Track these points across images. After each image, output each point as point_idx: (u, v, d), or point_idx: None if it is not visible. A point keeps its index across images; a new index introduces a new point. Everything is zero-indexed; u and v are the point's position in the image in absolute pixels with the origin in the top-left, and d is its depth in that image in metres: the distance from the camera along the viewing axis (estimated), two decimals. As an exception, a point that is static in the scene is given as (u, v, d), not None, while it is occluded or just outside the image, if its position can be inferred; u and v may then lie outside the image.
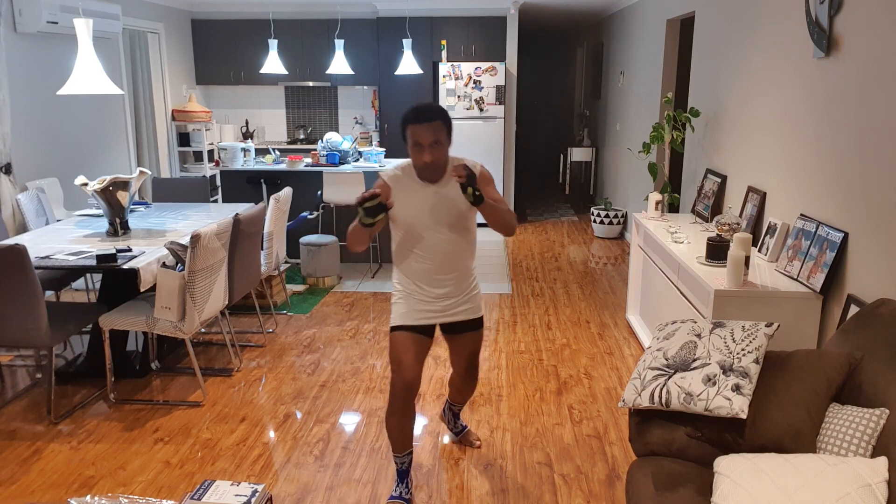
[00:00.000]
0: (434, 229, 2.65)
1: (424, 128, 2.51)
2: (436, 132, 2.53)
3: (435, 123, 2.52)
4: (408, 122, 2.55)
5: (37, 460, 3.18)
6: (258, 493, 1.76)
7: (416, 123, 2.52)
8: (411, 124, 2.53)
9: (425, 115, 2.51)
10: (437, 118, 2.52)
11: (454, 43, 8.27)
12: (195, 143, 8.07)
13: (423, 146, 2.53)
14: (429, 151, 2.54)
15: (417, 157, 2.57)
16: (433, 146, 2.54)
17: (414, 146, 2.56)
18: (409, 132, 2.55)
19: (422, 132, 2.51)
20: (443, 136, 2.55)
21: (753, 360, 2.24)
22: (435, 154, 2.55)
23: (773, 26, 3.82)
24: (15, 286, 3.32)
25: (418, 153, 2.56)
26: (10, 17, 5.21)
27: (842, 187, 3.04)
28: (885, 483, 1.81)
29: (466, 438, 3.31)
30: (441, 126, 2.54)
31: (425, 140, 2.52)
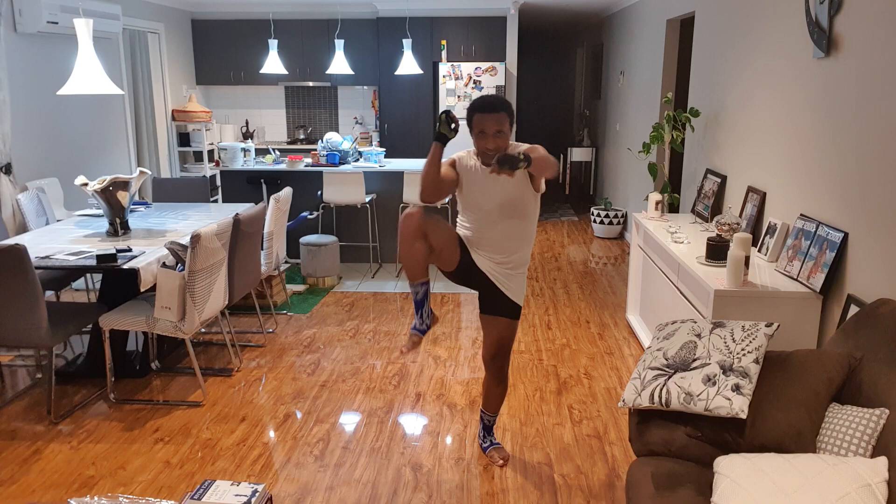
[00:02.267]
0: (490, 211, 2.82)
1: (491, 118, 2.69)
2: (500, 122, 2.70)
3: (500, 115, 2.70)
4: (475, 110, 2.73)
5: (37, 460, 3.18)
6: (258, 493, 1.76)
7: (483, 113, 2.71)
8: (479, 113, 2.72)
9: (493, 105, 2.70)
10: (502, 110, 2.71)
11: (454, 43, 8.27)
12: (195, 143, 8.07)
13: (488, 135, 2.71)
14: (493, 139, 2.70)
15: (481, 143, 2.74)
16: (497, 135, 2.70)
17: (479, 134, 2.74)
18: (476, 120, 2.73)
19: (488, 121, 2.70)
20: (506, 126, 2.72)
21: (753, 360, 2.24)
22: (498, 142, 2.71)
23: (773, 26, 3.82)
24: (15, 286, 3.32)
25: (482, 140, 2.73)
26: (10, 17, 5.21)
27: (842, 187, 3.04)
28: (884, 483, 1.81)
29: (491, 453, 3.20)
30: (505, 118, 2.71)
31: (490, 129, 2.70)
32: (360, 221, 6.53)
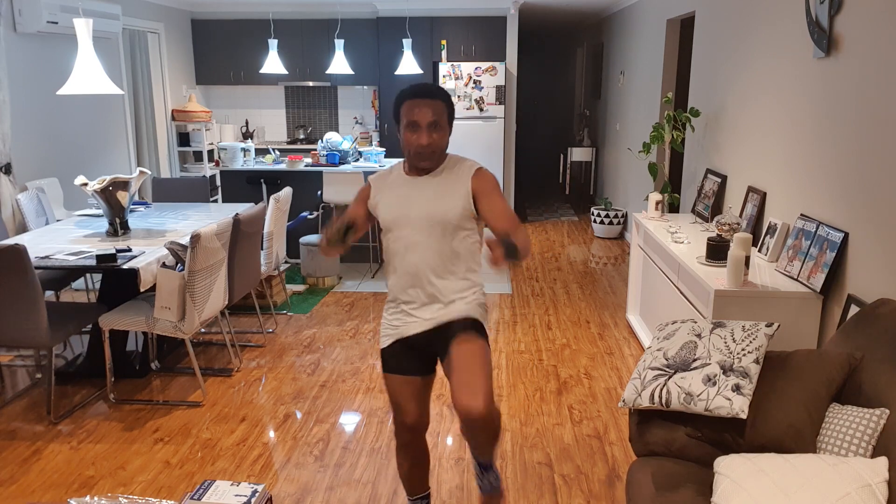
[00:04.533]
0: (416, 226, 2.24)
1: (424, 104, 2.17)
2: (436, 112, 2.18)
3: (436, 102, 2.18)
4: (404, 97, 2.20)
5: (37, 460, 3.18)
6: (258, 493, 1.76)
7: (413, 99, 2.18)
8: (408, 100, 2.19)
9: (426, 91, 2.19)
10: (438, 97, 2.19)
11: (454, 43, 8.27)
12: (195, 143, 8.07)
13: (421, 126, 2.17)
14: (426, 133, 2.17)
15: (411, 139, 2.19)
16: (431, 128, 2.18)
17: (408, 126, 2.19)
18: (405, 110, 2.19)
19: (420, 110, 2.16)
20: (444, 118, 2.21)
21: (753, 360, 2.24)
22: (433, 137, 2.19)
23: (773, 26, 3.81)
24: (15, 286, 3.32)
25: (413, 135, 2.18)
26: (10, 17, 5.21)
27: (842, 187, 3.04)
28: (885, 483, 1.81)
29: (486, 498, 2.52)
30: (442, 107, 2.20)
31: (423, 118, 2.17)
32: (360, 221, 6.51)
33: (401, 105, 2.21)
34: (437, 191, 2.26)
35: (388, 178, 2.35)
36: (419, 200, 2.26)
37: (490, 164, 8.18)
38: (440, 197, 2.24)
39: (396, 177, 2.33)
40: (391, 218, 2.26)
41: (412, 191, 2.27)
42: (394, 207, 2.27)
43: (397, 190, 2.30)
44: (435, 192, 2.26)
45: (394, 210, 2.27)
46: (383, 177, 2.37)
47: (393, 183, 2.32)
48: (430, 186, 2.27)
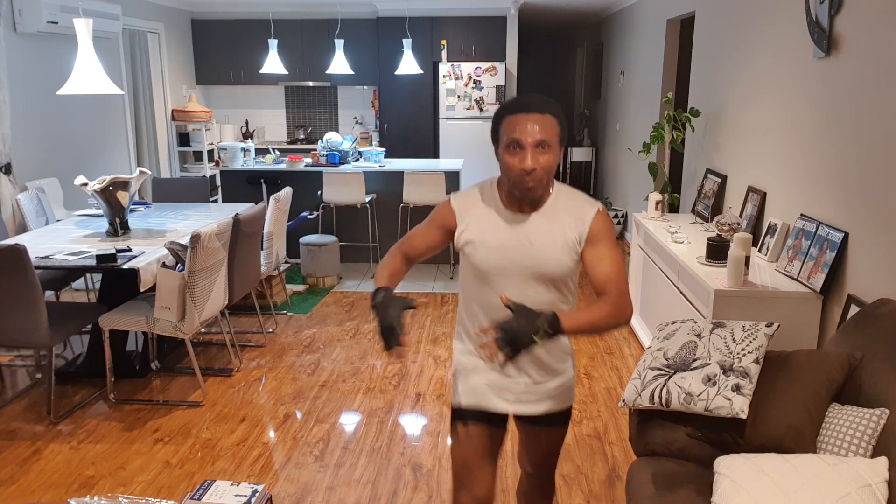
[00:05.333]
0: (517, 282, 1.87)
1: (529, 120, 1.75)
2: (545, 129, 1.75)
3: (545, 118, 1.76)
4: (505, 112, 1.80)
5: (37, 460, 3.18)
6: (258, 493, 1.76)
7: (517, 113, 1.77)
8: (510, 114, 1.78)
9: (533, 103, 1.78)
10: (548, 111, 1.78)
11: (454, 43, 8.27)
12: (195, 143, 8.07)
13: (525, 146, 1.75)
14: (532, 154, 1.75)
15: (512, 163, 1.77)
16: (539, 149, 1.76)
17: (509, 147, 1.78)
18: (505, 126, 1.79)
19: (524, 126, 1.75)
20: (554, 138, 1.77)
21: (753, 360, 2.24)
22: (539, 161, 1.76)
23: (773, 26, 3.81)
24: (15, 286, 3.32)
25: (514, 157, 1.77)
26: (10, 17, 5.21)
27: (842, 187, 3.04)
28: (885, 483, 1.81)
29: None
30: (553, 124, 1.78)
31: (528, 137, 1.74)
32: (360, 221, 6.52)
33: (500, 121, 1.82)
34: (544, 236, 1.85)
35: (479, 205, 1.92)
36: (521, 247, 1.85)
37: (490, 164, 8.18)
38: (548, 245, 1.85)
39: (491, 208, 1.90)
40: (489, 267, 1.87)
41: (514, 234, 1.86)
42: (493, 254, 1.86)
43: (494, 229, 1.88)
44: (541, 238, 1.85)
45: (493, 257, 1.86)
46: (471, 201, 1.93)
47: (487, 216, 1.89)
48: (536, 229, 1.85)
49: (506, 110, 1.81)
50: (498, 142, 1.83)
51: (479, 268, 1.88)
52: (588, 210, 1.87)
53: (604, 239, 1.86)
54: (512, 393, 1.96)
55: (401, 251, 1.99)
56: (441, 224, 1.95)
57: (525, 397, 1.96)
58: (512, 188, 1.84)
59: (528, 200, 1.86)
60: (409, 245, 1.99)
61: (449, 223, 1.94)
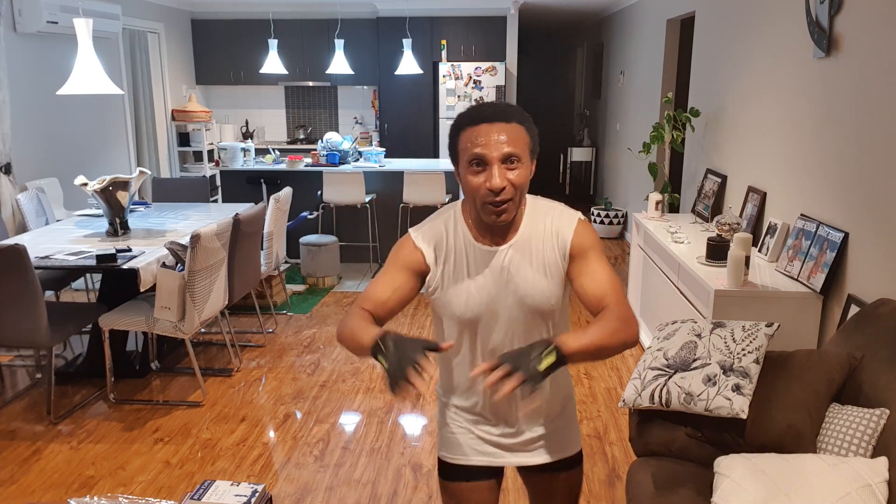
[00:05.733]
0: (505, 325, 1.61)
1: (492, 130, 1.47)
2: (513, 140, 1.47)
3: (511, 126, 1.48)
4: (463, 123, 1.52)
5: (37, 460, 3.18)
6: (258, 493, 1.76)
7: (477, 124, 1.49)
8: (469, 126, 1.50)
9: (496, 112, 1.50)
10: (515, 119, 1.50)
11: (454, 43, 8.27)
12: (195, 143, 8.07)
13: (490, 161, 1.47)
14: (499, 171, 1.46)
15: (475, 183, 1.49)
16: (507, 164, 1.48)
17: (470, 164, 1.49)
18: (465, 140, 1.50)
19: (487, 138, 1.47)
20: (524, 149, 1.49)
21: (754, 360, 2.24)
22: (509, 178, 1.48)
23: (773, 26, 3.81)
24: (15, 286, 3.32)
25: (477, 176, 1.49)
26: (10, 17, 5.21)
27: (842, 187, 3.04)
28: (885, 483, 1.81)
29: None
30: (521, 132, 1.49)
31: (493, 151, 1.46)
32: (360, 221, 6.52)
33: (458, 134, 1.53)
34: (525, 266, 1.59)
35: (447, 242, 1.61)
36: (504, 285, 1.58)
37: (490, 164, 8.16)
38: (530, 275, 1.58)
39: (461, 243, 1.60)
40: (472, 315, 1.59)
41: (492, 271, 1.58)
42: (473, 299, 1.58)
43: (470, 269, 1.59)
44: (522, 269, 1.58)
45: (475, 303, 1.59)
46: (438, 237, 1.62)
47: (459, 254, 1.60)
48: (515, 260, 1.58)
49: (463, 121, 1.51)
50: (457, 160, 1.54)
51: (462, 318, 1.60)
52: (566, 222, 1.60)
53: (589, 250, 1.59)
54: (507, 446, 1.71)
55: (363, 310, 1.57)
56: (408, 266, 1.60)
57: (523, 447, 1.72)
58: (479, 214, 1.54)
59: (501, 227, 1.58)
60: (373, 300, 1.58)
61: (418, 265, 1.60)
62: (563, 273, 1.60)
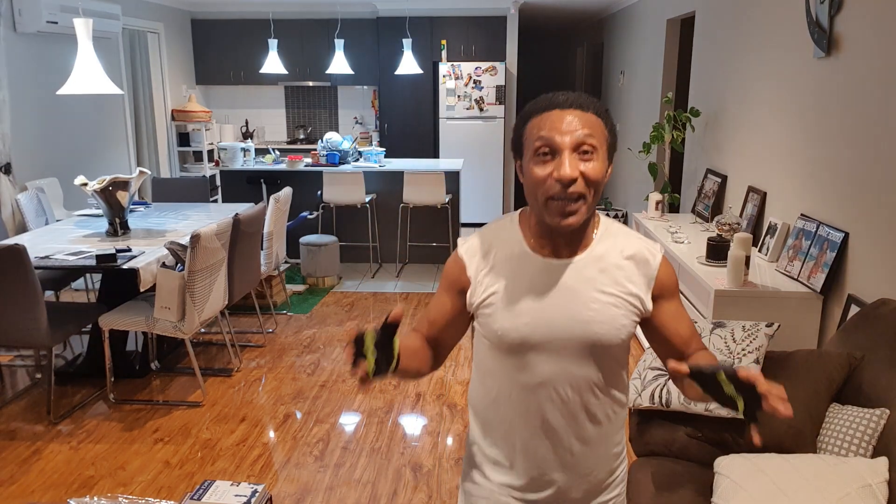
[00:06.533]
0: (560, 357, 1.34)
1: (568, 115, 1.25)
2: (589, 128, 1.25)
3: (590, 117, 1.27)
4: (532, 112, 1.30)
5: (37, 460, 3.18)
6: (258, 493, 1.76)
7: (551, 110, 1.27)
8: (538, 114, 1.28)
9: (572, 99, 1.27)
10: (591, 108, 1.28)
11: (454, 43, 8.27)
12: (195, 143, 8.06)
13: (561, 147, 1.24)
14: (571, 159, 1.23)
15: (542, 175, 1.25)
16: (581, 154, 1.25)
17: (537, 153, 1.26)
18: (531, 128, 1.28)
19: (560, 122, 1.25)
20: (601, 139, 1.27)
21: (754, 360, 2.24)
22: (584, 168, 1.24)
23: (773, 26, 3.81)
24: (15, 286, 3.32)
25: (544, 168, 1.25)
26: (9, 17, 5.21)
27: (842, 187, 3.04)
28: (885, 483, 1.81)
29: None
30: (599, 124, 1.28)
31: (565, 136, 1.24)
32: (360, 221, 6.52)
33: (525, 124, 1.30)
34: (594, 289, 1.33)
35: (497, 251, 1.38)
36: (564, 306, 1.32)
37: (490, 164, 8.17)
38: (601, 302, 1.33)
39: (514, 253, 1.36)
40: (519, 338, 1.33)
41: (551, 287, 1.33)
42: (522, 318, 1.33)
43: (521, 282, 1.34)
44: (591, 292, 1.33)
45: (524, 324, 1.33)
46: (486, 246, 1.39)
47: (509, 265, 1.36)
48: (583, 280, 1.33)
49: (532, 109, 1.30)
50: (521, 153, 1.30)
51: (505, 339, 1.34)
52: (650, 252, 1.37)
53: (676, 293, 1.40)
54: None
55: (417, 331, 1.46)
56: (452, 284, 1.41)
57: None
58: (542, 216, 1.28)
59: (567, 236, 1.32)
60: (424, 321, 1.45)
61: (461, 281, 1.39)
62: (641, 307, 1.35)
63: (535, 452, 1.39)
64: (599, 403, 1.37)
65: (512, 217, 1.42)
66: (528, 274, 1.34)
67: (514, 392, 1.38)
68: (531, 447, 1.39)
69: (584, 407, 1.36)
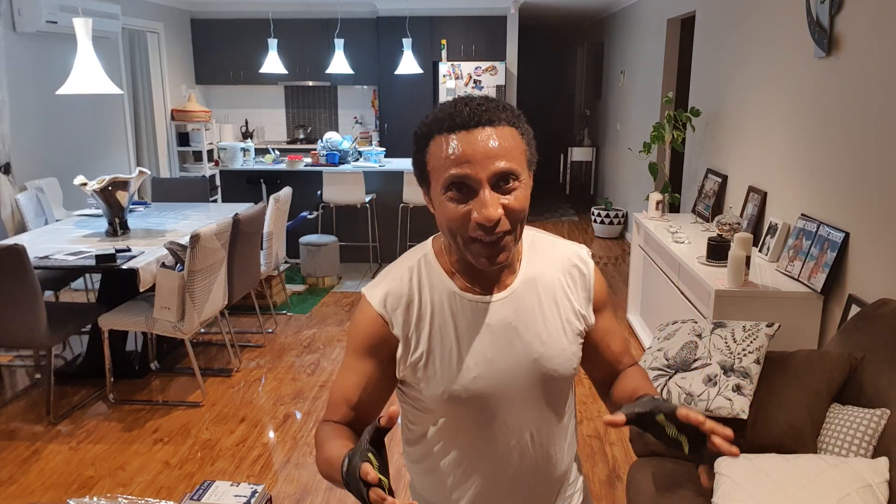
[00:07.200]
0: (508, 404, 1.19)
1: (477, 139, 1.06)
2: (505, 149, 1.07)
3: (502, 130, 1.08)
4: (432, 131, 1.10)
5: (36, 460, 3.17)
6: (258, 493, 1.76)
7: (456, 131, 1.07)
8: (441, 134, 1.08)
9: (476, 112, 1.07)
10: (502, 119, 1.09)
11: (454, 42, 8.27)
12: (195, 142, 8.06)
13: (479, 183, 1.06)
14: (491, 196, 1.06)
15: (460, 214, 1.08)
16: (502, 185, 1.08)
17: (450, 189, 1.08)
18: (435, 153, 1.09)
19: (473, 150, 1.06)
20: (520, 159, 1.10)
21: (754, 360, 2.24)
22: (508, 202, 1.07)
23: (773, 26, 3.81)
24: (14, 286, 3.32)
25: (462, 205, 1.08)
26: (9, 17, 5.20)
27: (843, 187, 3.03)
28: (885, 483, 1.81)
29: None
30: (515, 137, 1.09)
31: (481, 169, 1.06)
32: (359, 221, 6.52)
33: (426, 145, 1.10)
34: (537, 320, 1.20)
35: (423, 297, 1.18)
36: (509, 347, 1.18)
37: (490, 163, 8.16)
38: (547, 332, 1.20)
39: (440, 297, 1.18)
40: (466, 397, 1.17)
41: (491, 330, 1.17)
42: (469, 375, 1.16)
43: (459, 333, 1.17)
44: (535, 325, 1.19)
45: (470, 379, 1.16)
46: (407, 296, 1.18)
47: (439, 314, 1.17)
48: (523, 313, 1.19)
49: (433, 127, 1.09)
50: (426, 180, 1.11)
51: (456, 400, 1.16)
52: (585, 263, 1.26)
53: (609, 303, 1.30)
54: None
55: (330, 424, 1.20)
56: (373, 349, 1.17)
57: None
58: (464, 256, 1.12)
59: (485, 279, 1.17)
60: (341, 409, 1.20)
61: (387, 342, 1.17)
62: (585, 325, 1.23)
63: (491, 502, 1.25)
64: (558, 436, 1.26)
65: (425, 253, 1.20)
66: (464, 320, 1.16)
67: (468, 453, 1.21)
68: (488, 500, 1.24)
69: (545, 448, 1.24)
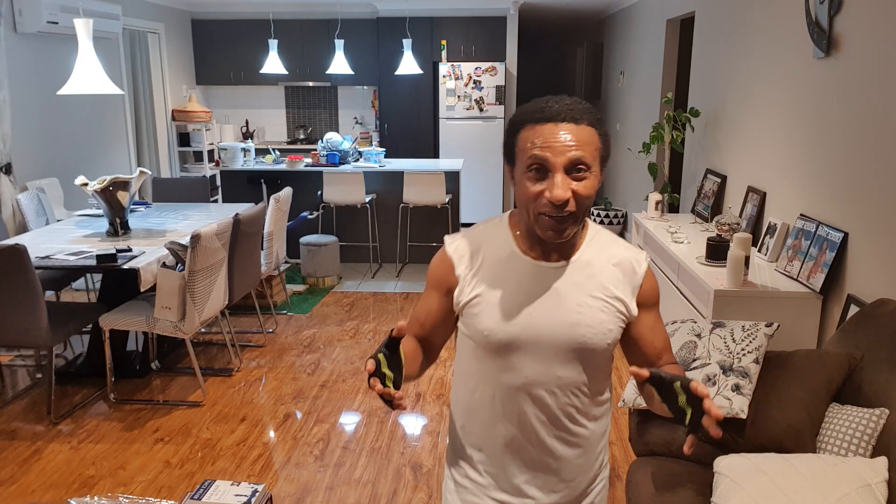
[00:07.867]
0: (545, 359, 1.34)
1: (561, 131, 1.24)
2: (583, 144, 1.24)
3: (583, 129, 1.25)
4: (524, 120, 1.28)
5: (37, 460, 3.18)
6: (258, 493, 1.76)
7: (542, 123, 1.26)
8: (532, 124, 1.27)
9: (566, 111, 1.26)
10: (586, 120, 1.26)
11: (454, 43, 8.27)
12: (195, 143, 8.07)
13: (554, 167, 1.23)
14: (563, 179, 1.23)
15: (535, 192, 1.26)
16: (574, 172, 1.25)
17: (529, 169, 1.26)
18: (524, 140, 1.27)
19: (553, 139, 1.24)
20: (594, 156, 1.27)
21: (753, 360, 2.24)
22: (574, 189, 1.25)
23: (773, 26, 3.81)
24: (15, 286, 3.32)
25: (537, 184, 1.25)
26: (10, 17, 5.21)
27: (842, 187, 3.04)
28: (884, 483, 1.81)
29: None
30: (593, 136, 1.26)
31: (558, 156, 1.23)
32: (360, 221, 6.52)
33: (517, 132, 1.29)
34: (582, 293, 1.35)
35: (486, 251, 1.38)
36: (552, 309, 1.33)
37: (490, 164, 8.17)
38: (588, 306, 1.34)
39: (503, 254, 1.37)
40: (504, 339, 1.34)
41: (539, 290, 1.34)
42: (509, 319, 1.33)
43: (510, 283, 1.35)
44: (579, 296, 1.34)
45: (510, 324, 1.33)
46: (475, 245, 1.39)
47: (498, 266, 1.36)
48: (571, 284, 1.35)
49: (525, 118, 1.28)
50: (513, 161, 1.31)
51: (491, 340, 1.34)
52: (639, 263, 1.40)
53: (657, 305, 1.44)
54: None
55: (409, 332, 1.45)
56: (439, 283, 1.41)
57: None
58: (533, 227, 1.30)
59: (557, 243, 1.34)
60: (415, 323, 1.45)
61: (449, 280, 1.39)
62: (627, 312, 1.38)
63: (516, 455, 1.41)
64: (583, 407, 1.39)
65: (501, 218, 1.43)
66: (516, 276, 1.35)
67: (497, 394, 1.38)
68: (513, 450, 1.40)
69: (567, 410, 1.38)
